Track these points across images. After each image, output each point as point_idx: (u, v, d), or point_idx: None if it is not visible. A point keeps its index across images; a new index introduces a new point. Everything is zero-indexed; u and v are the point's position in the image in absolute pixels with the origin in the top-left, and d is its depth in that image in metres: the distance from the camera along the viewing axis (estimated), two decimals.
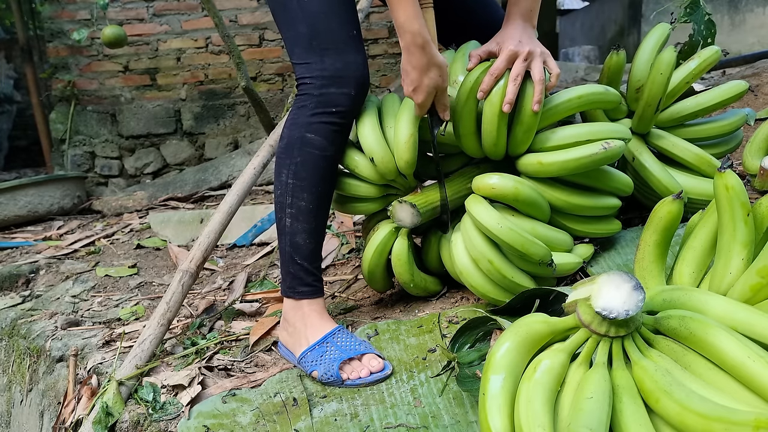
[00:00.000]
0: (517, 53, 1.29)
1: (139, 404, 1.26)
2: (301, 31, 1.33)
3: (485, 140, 1.37)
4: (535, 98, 1.30)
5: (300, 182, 1.33)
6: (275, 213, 1.38)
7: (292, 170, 1.33)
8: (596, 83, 1.50)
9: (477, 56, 1.35)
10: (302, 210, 1.34)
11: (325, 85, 1.30)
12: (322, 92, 1.31)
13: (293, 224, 1.34)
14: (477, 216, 1.30)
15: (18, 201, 3.15)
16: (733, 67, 3.30)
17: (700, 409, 0.76)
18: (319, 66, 1.30)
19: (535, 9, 1.35)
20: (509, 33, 1.32)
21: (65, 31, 4.06)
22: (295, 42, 1.35)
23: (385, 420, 1.10)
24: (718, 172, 1.00)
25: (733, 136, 1.66)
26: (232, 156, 3.68)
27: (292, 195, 1.33)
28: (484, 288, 1.35)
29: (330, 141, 1.33)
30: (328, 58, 1.30)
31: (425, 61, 1.24)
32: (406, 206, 1.40)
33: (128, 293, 2.02)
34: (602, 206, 1.43)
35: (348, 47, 1.32)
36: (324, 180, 1.35)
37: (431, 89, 1.28)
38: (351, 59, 1.31)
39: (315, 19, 1.31)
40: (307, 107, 1.32)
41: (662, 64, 1.47)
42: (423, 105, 1.31)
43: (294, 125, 1.34)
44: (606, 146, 1.31)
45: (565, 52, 7.23)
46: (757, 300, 0.94)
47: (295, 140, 1.33)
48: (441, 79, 1.28)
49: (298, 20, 1.33)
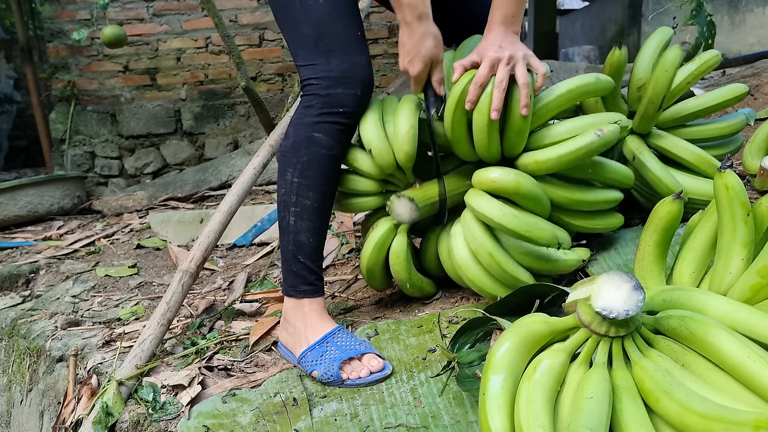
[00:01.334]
0: (498, 59, 1.27)
1: (139, 404, 1.26)
2: (306, 32, 1.34)
3: (478, 147, 1.37)
4: (522, 102, 1.28)
5: (306, 181, 1.34)
6: (278, 212, 1.38)
7: (298, 169, 1.34)
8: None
9: (461, 67, 1.33)
10: (307, 208, 1.34)
11: (331, 85, 1.31)
12: (329, 93, 1.32)
13: (297, 222, 1.35)
14: (478, 207, 1.29)
15: (18, 201, 3.15)
16: (733, 67, 3.30)
17: (700, 409, 0.76)
18: (326, 67, 1.31)
19: (517, 14, 1.31)
20: (489, 41, 1.31)
21: (65, 31, 4.06)
22: (299, 43, 1.35)
23: (385, 420, 1.10)
24: (718, 172, 1.00)
25: (733, 139, 1.66)
26: (232, 156, 3.68)
27: (297, 194, 1.34)
28: (483, 283, 1.35)
29: (336, 140, 1.34)
30: (335, 59, 1.31)
31: (422, 31, 1.28)
32: (405, 201, 1.39)
33: (128, 293, 2.02)
34: (603, 200, 1.43)
35: (354, 48, 1.33)
36: (329, 179, 1.36)
37: (427, 59, 1.30)
38: (357, 60, 1.33)
39: (320, 21, 1.32)
40: (313, 107, 1.33)
41: (667, 62, 1.48)
42: (419, 77, 1.33)
43: (300, 125, 1.35)
44: (599, 133, 1.30)
45: (565, 52, 7.23)
46: (757, 300, 0.94)
47: (302, 139, 1.34)
48: (437, 50, 1.31)
49: (301, 21, 1.34)
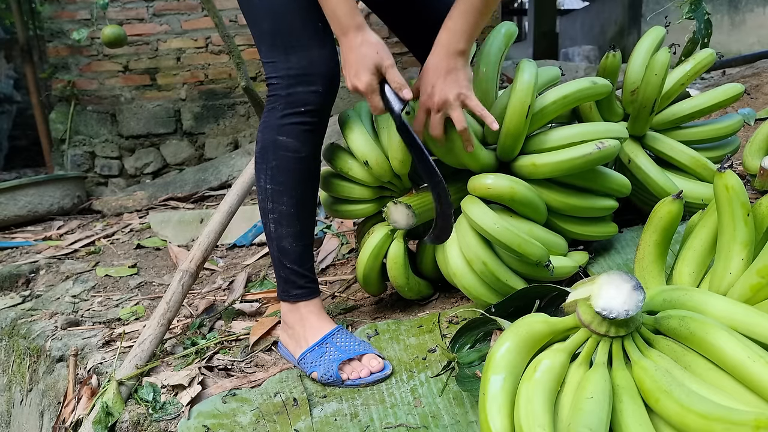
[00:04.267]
0: (429, 108, 1.25)
1: (139, 404, 1.26)
2: (265, 28, 1.27)
3: (468, 166, 1.37)
4: (465, 146, 1.28)
5: (278, 186, 1.30)
6: (261, 218, 1.35)
7: (269, 175, 1.30)
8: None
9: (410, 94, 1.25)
10: (284, 214, 1.30)
11: (291, 84, 1.25)
12: (290, 92, 1.26)
13: (278, 229, 1.31)
14: (473, 216, 1.29)
15: (18, 201, 3.15)
16: (733, 67, 3.30)
17: (700, 409, 0.76)
18: (285, 65, 1.25)
19: (464, 30, 1.21)
20: (425, 77, 1.25)
21: (65, 31, 4.06)
22: (261, 40, 1.30)
23: (385, 420, 1.10)
24: (718, 172, 1.00)
25: (730, 140, 1.65)
26: (232, 156, 3.68)
27: (272, 200, 1.30)
28: (477, 290, 1.35)
29: (302, 142, 1.28)
30: (294, 56, 1.25)
31: (359, 41, 1.20)
32: (402, 207, 1.38)
33: (128, 293, 2.02)
34: (598, 207, 1.42)
35: (312, 43, 1.26)
36: (302, 182, 1.31)
37: (371, 66, 1.20)
38: (316, 55, 1.25)
39: (277, 15, 1.25)
40: (276, 109, 1.28)
41: (656, 65, 1.47)
42: (370, 87, 1.21)
43: (266, 128, 1.30)
44: (600, 146, 1.30)
45: (565, 52, 7.23)
46: (757, 300, 0.94)
47: (269, 144, 1.29)
48: (379, 55, 1.20)
49: (260, 17, 1.28)
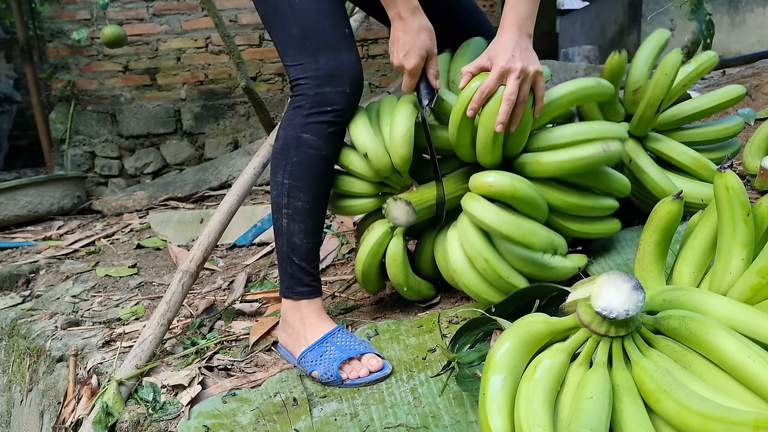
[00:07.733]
0: (509, 70, 1.22)
1: (139, 404, 1.26)
2: (293, 32, 1.33)
3: (479, 155, 1.36)
4: (499, 119, 1.23)
5: (296, 182, 1.33)
6: (272, 214, 1.38)
7: (288, 171, 1.33)
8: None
9: (468, 74, 1.28)
10: (299, 210, 1.34)
11: (320, 84, 1.30)
12: (318, 92, 1.31)
13: (290, 224, 1.34)
14: (474, 212, 1.29)
15: (18, 201, 3.15)
16: (733, 67, 3.30)
17: (700, 409, 0.76)
18: (314, 66, 1.31)
19: (532, 16, 1.27)
20: (502, 45, 1.25)
21: (65, 31, 4.06)
22: (288, 44, 1.34)
23: (385, 420, 1.10)
24: (718, 172, 1.00)
25: (731, 142, 1.65)
26: (232, 156, 3.68)
27: (288, 195, 1.33)
28: (478, 288, 1.34)
29: (326, 140, 1.33)
30: (322, 58, 1.30)
31: (417, 25, 1.27)
32: (401, 204, 1.38)
33: (128, 293, 2.02)
34: (599, 206, 1.43)
35: (341, 45, 1.32)
36: (321, 180, 1.35)
37: (423, 52, 1.28)
38: (345, 58, 1.32)
39: (307, 20, 1.31)
40: (303, 107, 1.32)
41: (667, 65, 1.47)
42: (415, 71, 1.30)
43: (290, 126, 1.34)
44: (606, 148, 1.31)
45: (565, 52, 7.23)
46: (757, 300, 0.94)
47: (292, 140, 1.33)
48: (432, 43, 1.29)
49: (289, 22, 1.33)
